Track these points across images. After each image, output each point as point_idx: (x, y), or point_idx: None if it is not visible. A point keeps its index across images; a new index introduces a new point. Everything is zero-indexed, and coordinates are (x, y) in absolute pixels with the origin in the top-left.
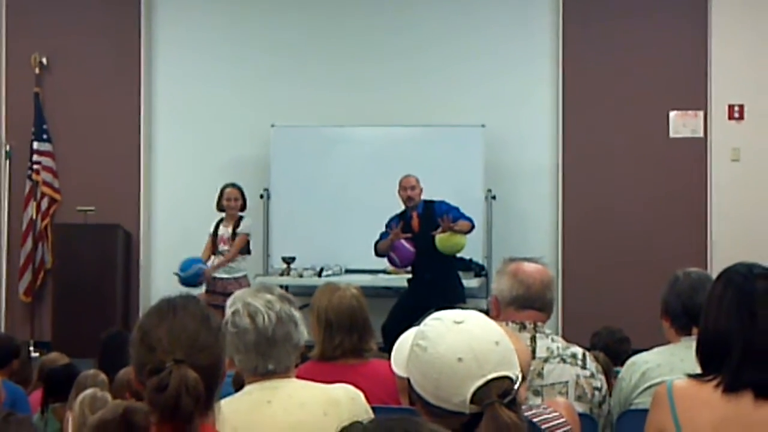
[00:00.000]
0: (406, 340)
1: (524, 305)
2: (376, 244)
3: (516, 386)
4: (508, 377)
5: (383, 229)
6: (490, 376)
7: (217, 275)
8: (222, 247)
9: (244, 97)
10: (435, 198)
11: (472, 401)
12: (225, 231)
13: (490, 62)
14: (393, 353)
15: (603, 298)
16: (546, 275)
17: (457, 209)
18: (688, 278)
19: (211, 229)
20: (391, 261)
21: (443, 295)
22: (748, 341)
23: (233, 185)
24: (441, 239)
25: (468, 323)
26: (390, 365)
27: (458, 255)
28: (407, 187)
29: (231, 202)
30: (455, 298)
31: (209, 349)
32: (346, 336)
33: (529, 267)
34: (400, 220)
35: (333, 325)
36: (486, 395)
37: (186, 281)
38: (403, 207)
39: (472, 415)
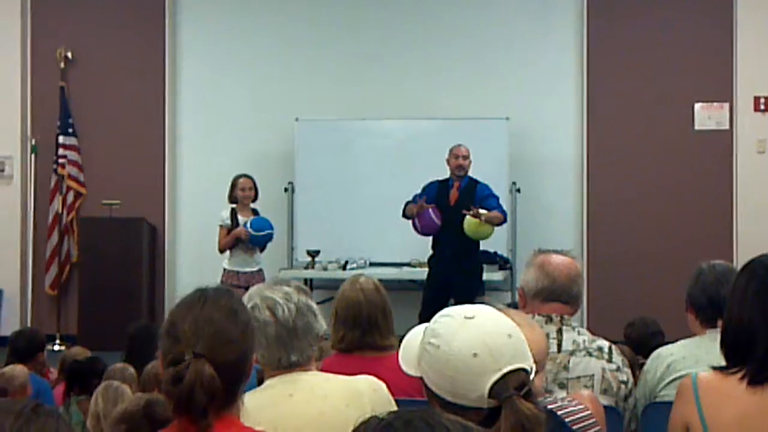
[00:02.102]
0: (413, 338)
1: (550, 298)
2: (405, 204)
3: (531, 377)
4: (523, 369)
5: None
6: (506, 369)
7: (237, 268)
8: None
9: (268, 91)
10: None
11: (489, 395)
12: (246, 221)
13: (514, 55)
14: (401, 352)
15: (627, 291)
16: (573, 268)
17: (496, 198)
18: (712, 271)
19: (227, 220)
20: (414, 226)
21: (463, 272)
22: None
23: (245, 175)
24: (470, 223)
25: (479, 318)
26: None
27: (483, 248)
28: (459, 155)
29: (246, 191)
30: (474, 278)
31: (234, 343)
32: (348, 330)
33: (557, 259)
34: (440, 186)
35: (339, 318)
36: (503, 389)
37: (255, 239)
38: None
39: (490, 409)
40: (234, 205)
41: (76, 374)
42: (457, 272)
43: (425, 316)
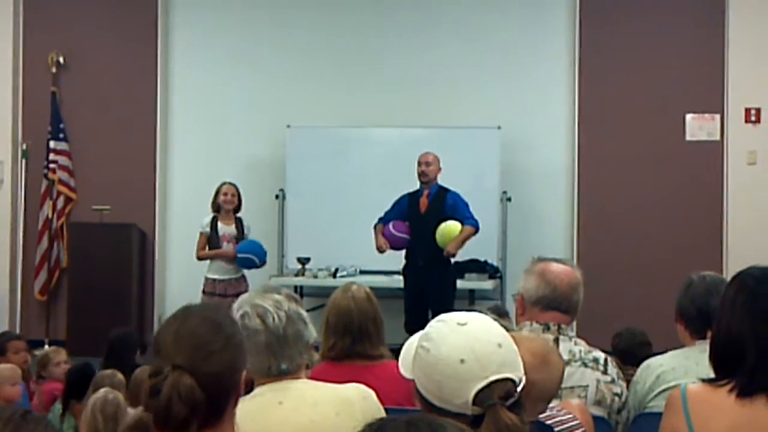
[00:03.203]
0: (413, 342)
1: (549, 306)
2: (375, 225)
3: (518, 389)
4: (510, 379)
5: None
6: (491, 378)
7: (217, 276)
8: (225, 245)
9: (259, 97)
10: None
11: (474, 403)
12: (227, 229)
13: (506, 64)
14: (401, 355)
15: (617, 301)
16: (573, 277)
17: (466, 205)
18: (702, 282)
19: (207, 228)
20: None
21: (435, 280)
22: (762, 345)
23: (229, 183)
24: (441, 237)
25: (471, 325)
26: None
27: (473, 256)
28: (422, 162)
29: (227, 197)
30: (447, 285)
31: (217, 355)
32: (339, 339)
33: (557, 268)
34: (410, 198)
35: (330, 327)
36: (488, 397)
37: (240, 261)
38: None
39: (474, 416)
40: (217, 213)
41: (77, 381)
42: (430, 280)
43: (409, 326)
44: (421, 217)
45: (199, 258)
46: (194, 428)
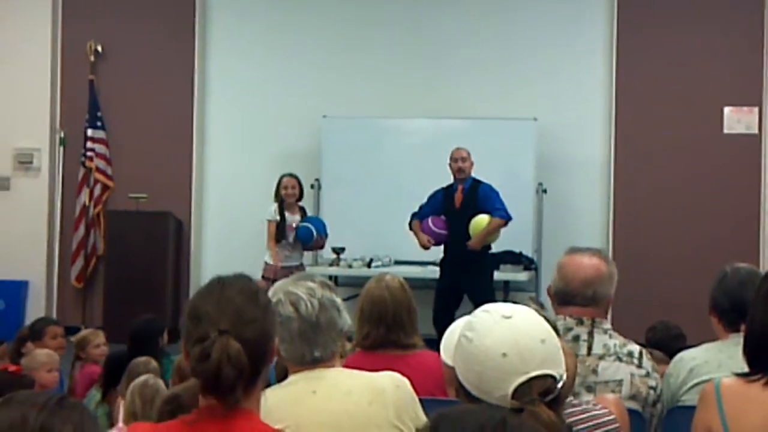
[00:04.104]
0: (456, 328)
1: (564, 300)
2: (411, 217)
3: (559, 386)
4: (551, 376)
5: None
6: (533, 374)
7: (280, 263)
8: (290, 234)
9: (295, 87)
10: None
11: (513, 397)
12: (293, 219)
13: (543, 56)
14: (443, 341)
15: (654, 293)
16: (591, 270)
17: (497, 197)
18: (736, 274)
19: (276, 216)
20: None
21: (472, 274)
22: None
23: (290, 174)
24: (473, 231)
25: (516, 318)
26: (438, 357)
27: (508, 248)
28: (458, 158)
29: (288, 190)
30: (485, 280)
31: (256, 323)
32: (373, 328)
33: (577, 260)
34: (445, 192)
35: (364, 316)
36: (527, 392)
37: (304, 235)
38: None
39: (512, 410)
40: (281, 203)
41: (115, 368)
42: (467, 274)
43: (436, 321)
44: (456, 211)
45: (272, 248)
46: (240, 392)
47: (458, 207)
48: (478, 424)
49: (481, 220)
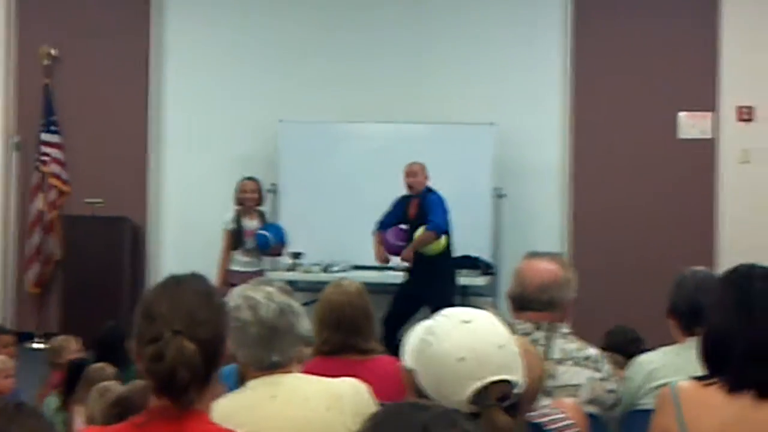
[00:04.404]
0: (417, 332)
1: (521, 305)
2: (376, 225)
3: (516, 390)
4: (508, 381)
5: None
6: (489, 379)
7: (238, 268)
8: (249, 240)
9: (251, 92)
10: (442, 193)
11: (470, 401)
12: (251, 224)
13: (500, 60)
14: (405, 344)
15: (611, 297)
16: (547, 275)
17: (437, 207)
18: (693, 278)
19: (230, 224)
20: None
21: (431, 288)
22: (749, 341)
23: (250, 178)
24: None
25: (475, 323)
26: (396, 362)
27: (465, 252)
28: (409, 174)
29: (247, 194)
30: (442, 293)
31: (209, 323)
32: (331, 333)
33: (533, 265)
34: (404, 202)
35: (323, 321)
36: (484, 397)
37: (263, 243)
38: None
39: (470, 414)
40: (240, 207)
41: (76, 376)
42: (422, 283)
43: (387, 321)
44: (411, 221)
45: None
46: (193, 393)
47: (412, 217)
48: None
49: (417, 234)
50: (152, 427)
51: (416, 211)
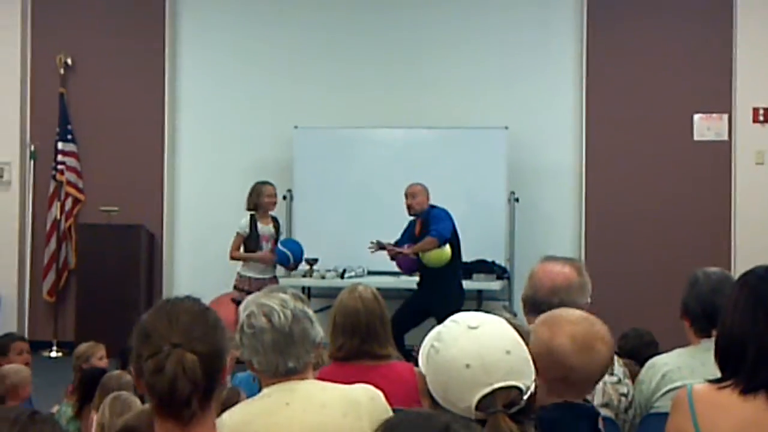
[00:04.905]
0: (429, 337)
1: (533, 309)
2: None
3: (525, 397)
4: (516, 387)
5: (403, 230)
6: (496, 386)
7: (252, 274)
8: (265, 244)
9: (267, 99)
10: (449, 202)
11: (477, 408)
12: (266, 229)
13: (513, 65)
14: (421, 349)
15: (625, 300)
16: (560, 278)
17: (438, 219)
18: (708, 279)
19: (246, 229)
20: (398, 266)
21: (436, 298)
22: (763, 343)
23: (269, 183)
24: (421, 254)
25: (482, 329)
26: (411, 368)
27: (481, 257)
28: (407, 195)
29: (272, 198)
30: (447, 303)
31: (206, 338)
32: (347, 339)
33: (547, 269)
34: (413, 223)
35: (338, 327)
36: (491, 404)
37: (283, 260)
38: None
39: (477, 421)
40: (253, 212)
41: (90, 385)
42: (431, 297)
43: (393, 323)
44: (417, 239)
45: (233, 258)
46: (195, 406)
47: (418, 236)
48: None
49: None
50: None
51: (421, 229)
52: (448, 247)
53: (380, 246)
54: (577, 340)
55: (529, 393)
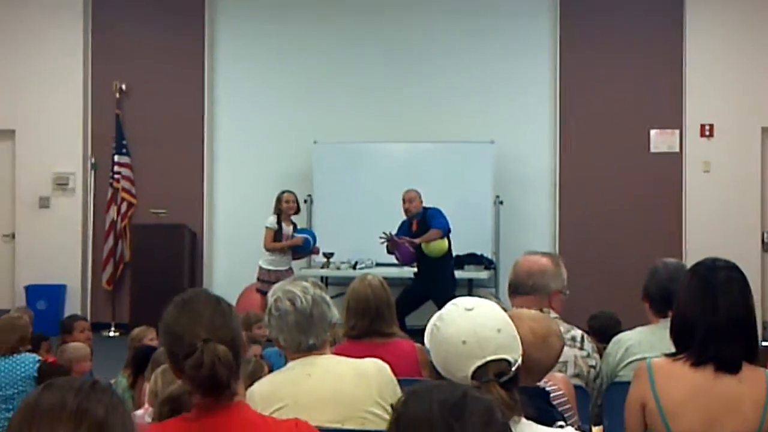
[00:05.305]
0: (433, 318)
1: (514, 291)
2: (387, 244)
3: (513, 368)
4: (505, 360)
5: (398, 228)
6: (488, 358)
7: (272, 267)
8: (285, 241)
9: (290, 118)
10: (443, 204)
11: (472, 377)
12: (288, 229)
13: (498, 89)
14: (427, 328)
15: (594, 286)
16: (535, 264)
17: (438, 215)
18: (666, 268)
19: (275, 225)
20: (396, 258)
21: (433, 286)
22: (710, 323)
23: (290, 191)
24: (423, 246)
25: (477, 311)
26: (413, 345)
27: (471, 251)
28: (405, 200)
29: (289, 203)
30: (444, 290)
31: (225, 326)
32: (359, 319)
33: (527, 258)
34: (407, 222)
35: (351, 310)
36: (484, 374)
37: (307, 250)
38: None
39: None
40: (278, 214)
41: (142, 360)
42: (428, 284)
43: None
44: (414, 234)
45: (270, 248)
46: (233, 385)
47: (414, 232)
48: (441, 398)
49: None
50: (202, 422)
51: (417, 227)
52: (446, 240)
53: (390, 238)
54: (538, 335)
55: (516, 365)
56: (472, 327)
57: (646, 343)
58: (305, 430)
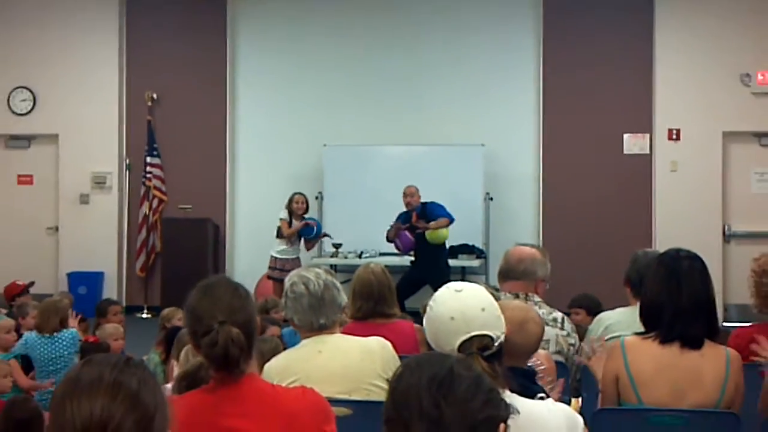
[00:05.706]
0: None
1: (505, 277)
2: (387, 231)
3: (496, 344)
4: (488, 336)
5: (394, 221)
6: (473, 333)
7: (281, 255)
8: (293, 236)
9: (302, 124)
10: (439, 200)
11: (459, 350)
12: (297, 224)
13: (487, 96)
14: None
15: (575, 273)
16: (525, 252)
17: (442, 208)
18: (645, 256)
19: (287, 217)
20: (396, 246)
21: (431, 272)
22: (675, 305)
23: (300, 193)
24: (428, 234)
25: (464, 292)
26: (412, 325)
27: (463, 241)
28: (407, 194)
29: (299, 204)
30: (440, 275)
31: (242, 310)
32: (364, 302)
33: (517, 248)
34: (406, 214)
35: (356, 294)
36: (469, 347)
37: (312, 232)
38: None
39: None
40: (290, 212)
41: (172, 339)
42: (426, 270)
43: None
44: (413, 226)
45: (287, 234)
46: (244, 365)
47: (414, 223)
48: (430, 373)
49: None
50: (219, 392)
51: (417, 218)
52: (447, 229)
53: (398, 227)
54: (514, 323)
55: (499, 341)
56: (460, 306)
57: (624, 322)
58: (311, 395)
